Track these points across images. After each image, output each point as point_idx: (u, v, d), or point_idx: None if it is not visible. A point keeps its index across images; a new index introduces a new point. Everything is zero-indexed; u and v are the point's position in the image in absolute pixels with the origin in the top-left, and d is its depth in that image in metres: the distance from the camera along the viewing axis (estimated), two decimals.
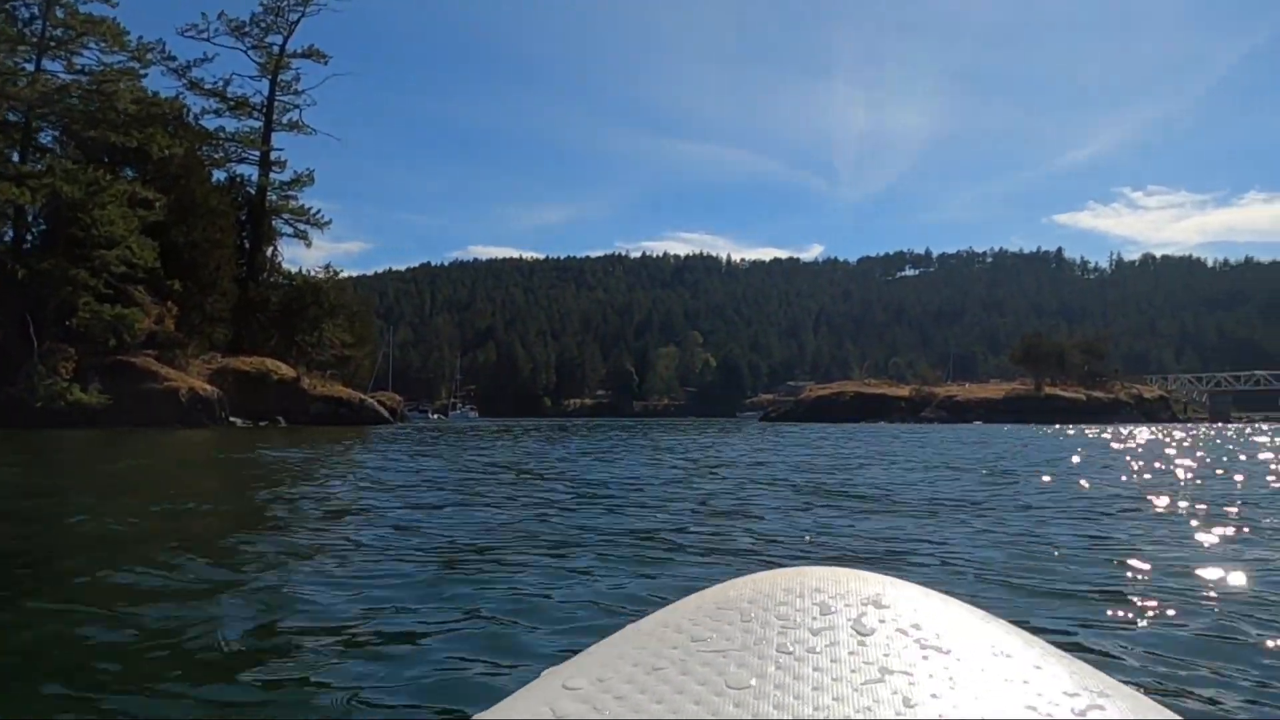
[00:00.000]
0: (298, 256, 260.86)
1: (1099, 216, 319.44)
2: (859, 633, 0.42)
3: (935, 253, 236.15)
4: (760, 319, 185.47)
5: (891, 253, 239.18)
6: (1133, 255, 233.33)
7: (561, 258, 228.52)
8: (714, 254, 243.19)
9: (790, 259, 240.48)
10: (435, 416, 77.87)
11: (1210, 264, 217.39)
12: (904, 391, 75.57)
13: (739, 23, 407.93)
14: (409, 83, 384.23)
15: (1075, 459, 15.63)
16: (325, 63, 46.86)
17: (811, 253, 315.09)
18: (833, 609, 0.45)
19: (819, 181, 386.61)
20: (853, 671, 0.39)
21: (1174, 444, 23.35)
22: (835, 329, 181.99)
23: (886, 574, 0.50)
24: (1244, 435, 34.40)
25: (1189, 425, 59.95)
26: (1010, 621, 0.47)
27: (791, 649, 0.41)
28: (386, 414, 43.62)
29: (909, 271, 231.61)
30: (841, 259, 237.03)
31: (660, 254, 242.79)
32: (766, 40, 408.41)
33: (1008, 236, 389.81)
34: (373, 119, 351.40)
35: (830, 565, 0.50)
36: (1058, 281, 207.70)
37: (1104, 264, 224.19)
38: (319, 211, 47.20)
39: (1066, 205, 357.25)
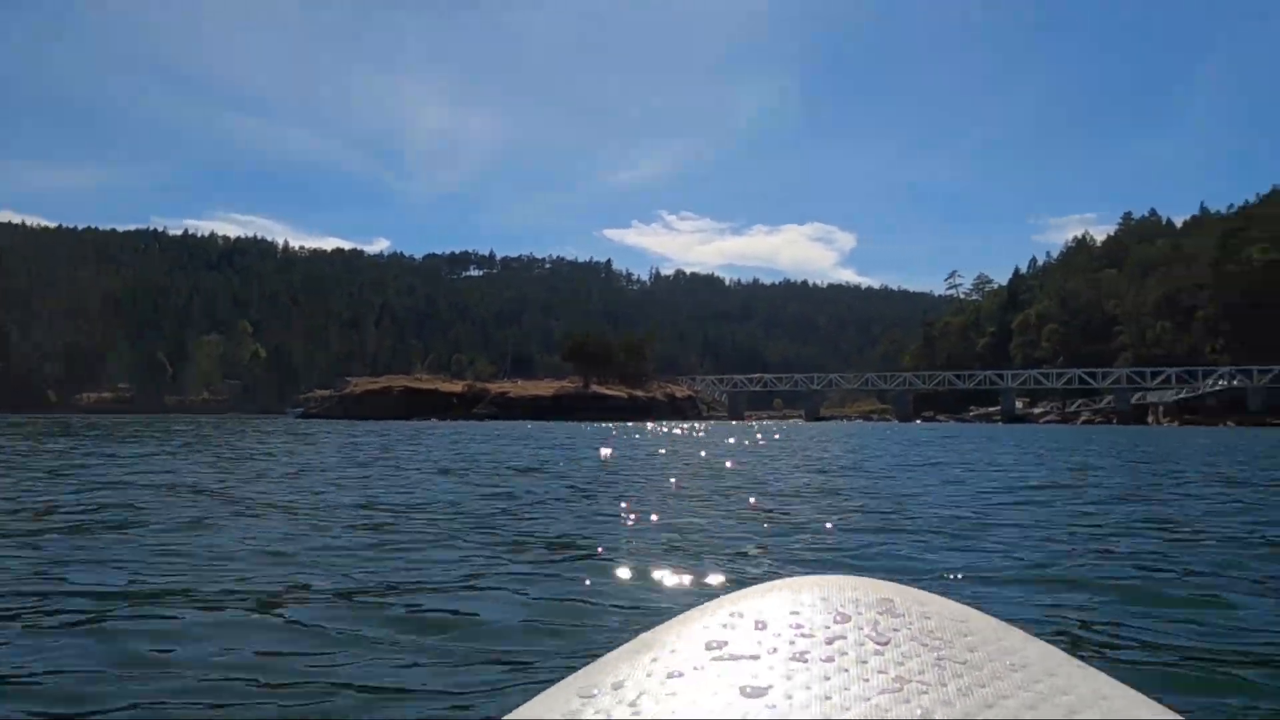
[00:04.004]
0: None
1: (642, 234, 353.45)
2: (876, 641, 0.42)
3: (499, 255, 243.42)
4: (319, 310, 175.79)
5: (458, 252, 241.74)
6: (668, 271, 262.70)
7: (80, 229, 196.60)
8: (269, 238, 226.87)
9: (354, 250, 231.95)
10: None
11: (727, 283, 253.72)
12: (456, 388, 75.40)
13: None
14: None
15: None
16: None
17: (377, 245, 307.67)
18: (848, 617, 0.44)
19: (388, 174, 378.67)
20: (866, 680, 0.39)
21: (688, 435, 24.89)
22: (399, 324, 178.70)
23: (893, 581, 0.49)
24: (722, 430, 38.60)
25: (711, 421, 67.22)
26: (1019, 626, 0.47)
27: (807, 657, 0.41)
28: None
29: (474, 271, 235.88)
30: (408, 254, 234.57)
31: (206, 234, 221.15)
32: (334, 19, 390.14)
33: (564, 245, 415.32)
34: None
35: (838, 574, 0.50)
36: (607, 290, 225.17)
37: (645, 277, 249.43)
38: None
39: (615, 221, 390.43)
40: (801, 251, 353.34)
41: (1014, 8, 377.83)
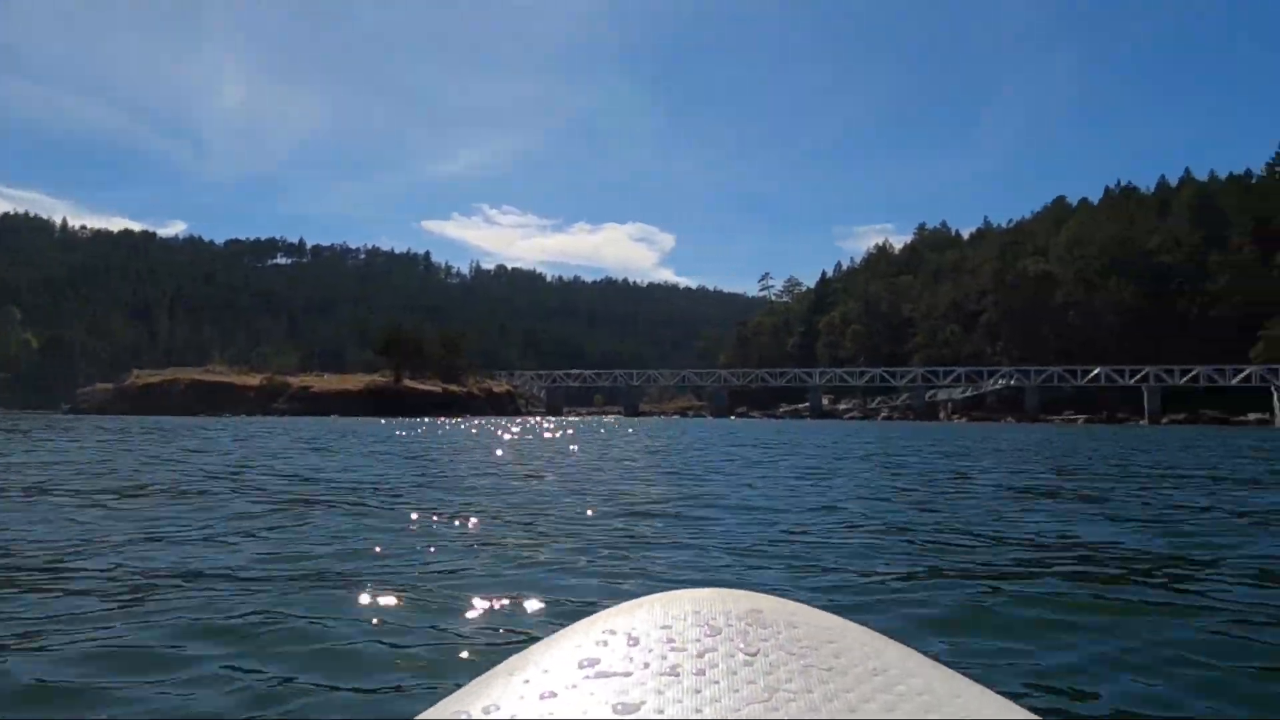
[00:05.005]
0: None
1: (463, 227, 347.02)
2: (745, 652, 0.43)
3: (309, 243, 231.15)
4: (103, 297, 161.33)
5: (263, 239, 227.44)
6: (489, 265, 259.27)
7: None
8: (45, 216, 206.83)
9: (145, 233, 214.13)
10: None
11: (549, 279, 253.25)
12: (254, 381, 70.44)
13: None
14: None
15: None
16: None
17: (171, 229, 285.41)
18: (718, 630, 0.45)
19: (185, 153, 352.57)
20: (736, 691, 0.40)
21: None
22: (196, 313, 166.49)
23: (762, 593, 0.50)
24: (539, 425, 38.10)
25: (527, 418, 66.22)
26: (881, 632, 0.48)
27: (679, 671, 0.42)
28: None
29: (281, 260, 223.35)
30: (207, 239, 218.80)
31: None
32: None
33: (380, 236, 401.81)
34: None
35: (709, 587, 0.51)
36: (426, 283, 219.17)
37: (465, 270, 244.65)
38: None
39: (435, 213, 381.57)
40: (623, 250, 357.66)
41: (834, 28, 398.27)
